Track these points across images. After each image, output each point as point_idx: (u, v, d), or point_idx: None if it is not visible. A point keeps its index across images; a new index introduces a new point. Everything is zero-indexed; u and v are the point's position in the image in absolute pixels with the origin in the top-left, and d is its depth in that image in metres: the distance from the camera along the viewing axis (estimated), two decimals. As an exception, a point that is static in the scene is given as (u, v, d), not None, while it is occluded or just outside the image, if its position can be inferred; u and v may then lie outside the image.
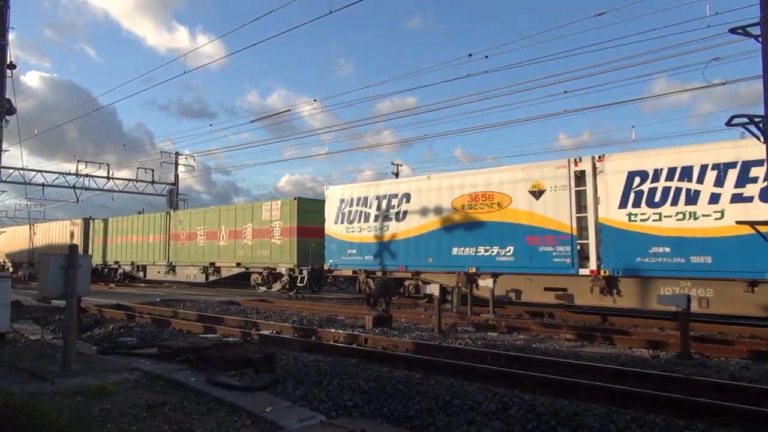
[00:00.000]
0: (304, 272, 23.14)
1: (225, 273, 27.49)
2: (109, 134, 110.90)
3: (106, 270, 36.31)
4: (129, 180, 37.58)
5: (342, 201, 20.31)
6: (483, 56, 21.59)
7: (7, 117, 10.57)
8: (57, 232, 39.72)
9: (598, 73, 28.51)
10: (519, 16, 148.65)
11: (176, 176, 40.09)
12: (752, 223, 11.60)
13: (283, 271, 24.12)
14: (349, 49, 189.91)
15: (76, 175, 35.52)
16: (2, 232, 49.49)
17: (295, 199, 24.05)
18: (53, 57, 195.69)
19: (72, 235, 37.58)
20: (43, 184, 35.00)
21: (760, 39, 8.62)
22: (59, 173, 35.95)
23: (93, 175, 35.83)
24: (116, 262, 34.94)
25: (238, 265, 26.42)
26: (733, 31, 9.08)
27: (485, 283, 15.92)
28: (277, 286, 24.96)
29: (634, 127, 75.95)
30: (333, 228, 20.47)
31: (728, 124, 8.78)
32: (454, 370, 7.88)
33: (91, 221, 37.29)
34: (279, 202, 24.90)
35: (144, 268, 32.88)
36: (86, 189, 36.16)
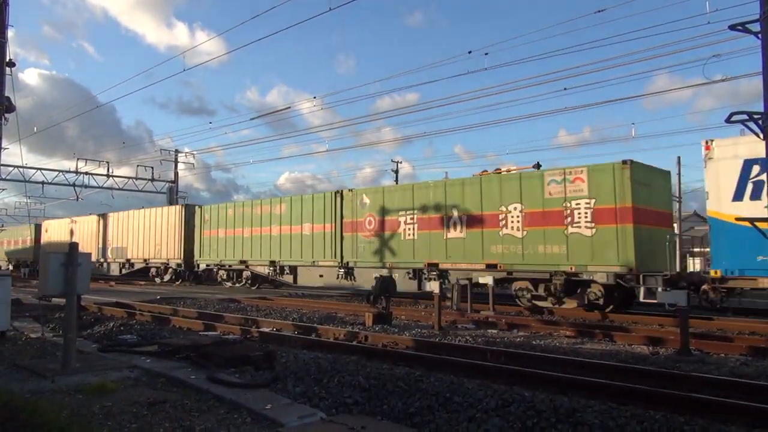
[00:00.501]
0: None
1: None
2: (108, 132, 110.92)
3: (227, 272, 27.15)
4: (129, 178, 37.62)
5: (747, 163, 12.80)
6: (483, 53, 21.62)
7: (6, 115, 10.56)
8: (142, 222, 31.68)
9: (599, 69, 28.49)
10: (519, 12, 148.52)
11: (176, 174, 40.12)
12: (751, 220, 11.58)
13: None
14: (349, 45, 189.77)
15: (76, 172, 35.55)
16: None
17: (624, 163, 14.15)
18: (52, 54, 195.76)
19: (171, 227, 29.63)
20: (42, 182, 35.04)
21: (759, 36, 8.61)
22: (59, 171, 35.99)
23: (93, 172, 35.88)
24: (242, 261, 25.45)
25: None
26: (732, 27, 9.07)
27: (485, 280, 15.92)
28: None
29: (635, 124, 75.94)
30: (730, 207, 12.93)
31: (728, 121, 8.78)
32: (455, 367, 7.89)
33: (197, 208, 28.58)
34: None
35: (294, 270, 23.19)
36: (86, 187, 36.21)
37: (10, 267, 44.78)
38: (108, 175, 36.35)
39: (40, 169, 35.54)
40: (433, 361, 8.42)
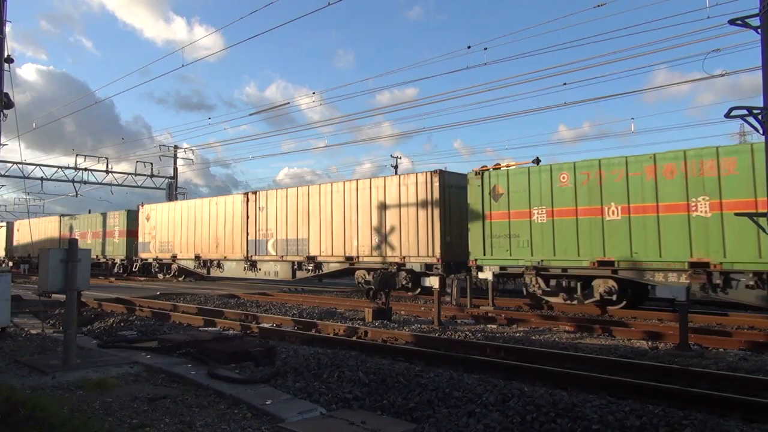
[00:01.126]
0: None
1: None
2: (106, 127, 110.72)
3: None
4: (128, 174, 37.54)
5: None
6: (482, 48, 21.54)
7: (5, 111, 10.53)
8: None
9: (598, 64, 28.41)
10: (519, 7, 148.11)
11: (175, 170, 40.06)
12: (751, 215, 11.59)
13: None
14: (348, 40, 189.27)
15: (75, 168, 35.47)
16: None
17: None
18: (49, 49, 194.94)
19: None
20: (41, 178, 34.94)
21: (759, 30, 8.60)
22: (58, 167, 35.91)
23: (92, 168, 35.80)
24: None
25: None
26: (732, 22, 9.06)
27: (485, 275, 15.94)
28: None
29: (634, 119, 75.84)
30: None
31: (727, 116, 8.78)
32: (454, 362, 7.91)
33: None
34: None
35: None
36: (85, 183, 36.11)
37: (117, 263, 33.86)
38: (107, 171, 36.28)
39: (39, 165, 35.48)
40: (433, 356, 8.44)
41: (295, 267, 22.34)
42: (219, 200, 26.59)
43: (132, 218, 32.37)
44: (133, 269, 31.96)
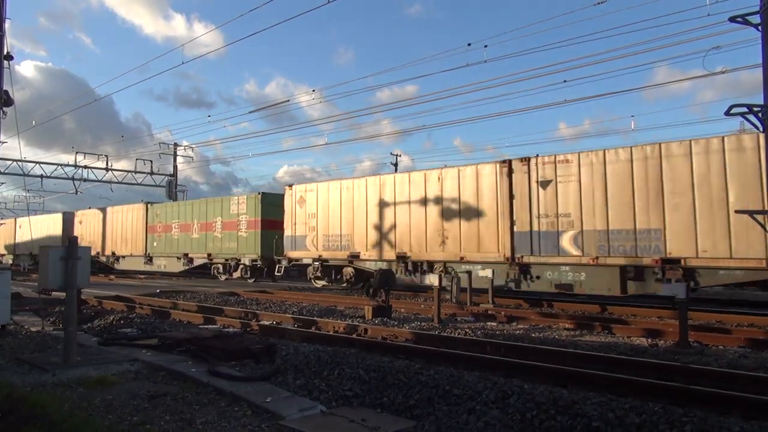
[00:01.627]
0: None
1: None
2: (106, 125, 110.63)
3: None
4: (128, 171, 37.52)
5: None
6: (482, 45, 21.43)
7: (4, 108, 10.51)
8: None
9: (599, 62, 28.42)
10: (519, 4, 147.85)
11: (175, 167, 40.07)
12: (750, 212, 11.59)
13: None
14: (348, 37, 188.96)
15: (75, 166, 35.45)
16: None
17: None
18: (49, 46, 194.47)
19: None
20: (41, 176, 34.93)
21: (759, 27, 8.59)
22: (58, 165, 35.89)
23: (92, 166, 35.78)
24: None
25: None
26: (732, 19, 9.05)
27: (484, 273, 15.94)
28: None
29: (634, 117, 75.68)
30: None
31: (727, 113, 8.78)
32: (454, 360, 7.92)
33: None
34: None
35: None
36: (85, 180, 36.09)
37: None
38: (107, 169, 36.26)
39: (39, 162, 35.47)
40: (433, 353, 8.45)
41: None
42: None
43: (272, 202, 24.42)
44: (277, 272, 23.47)
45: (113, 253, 33.91)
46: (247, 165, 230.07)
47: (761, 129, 8.65)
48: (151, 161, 37.87)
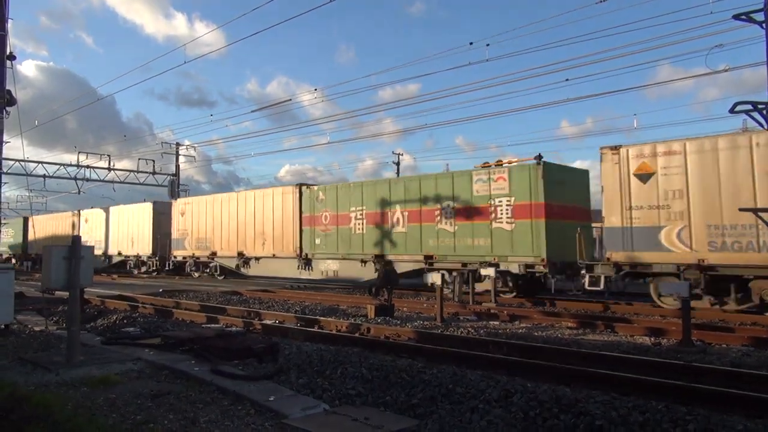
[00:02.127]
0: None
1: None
2: (108, 124, 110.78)
3: None
4: (130, 171, 37.54)
5: None
6: (484, 44, 21.41)
7: (7, 108, 10.52)
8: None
9: (601, 60, 28.34)
10: (521, 3, 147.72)
11: (177, 166, 40.03)
12: (755, 210, 11.56)
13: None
14: (350, 35, 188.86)
15: (77, 166, 35.46)
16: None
17: None
18: (50, 45, 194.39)
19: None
20: (44, 176, 34.92)
21: (763, 25, 8.56)
22: (60, 164, 35.91)
23: (94, 166, 35.79)
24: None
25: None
26: (736, 17, 9.03)
27: (487, 272, 15.94)
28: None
29: (636, 115, 75.44)
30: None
31: (731, 111, 8.75)
32: (457, 359, 7.91)
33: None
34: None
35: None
36: (87, 180, 36.10)
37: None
38: (109, 168, 36.26)
39: (42, 162, 35.48)
40: (436, 352, 8.44)
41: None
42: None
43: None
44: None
45: (240, 254, 25.25)
46: (248, 164, 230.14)
47: (766, 126, 8.63)
48: (154, 161, 37.84)
